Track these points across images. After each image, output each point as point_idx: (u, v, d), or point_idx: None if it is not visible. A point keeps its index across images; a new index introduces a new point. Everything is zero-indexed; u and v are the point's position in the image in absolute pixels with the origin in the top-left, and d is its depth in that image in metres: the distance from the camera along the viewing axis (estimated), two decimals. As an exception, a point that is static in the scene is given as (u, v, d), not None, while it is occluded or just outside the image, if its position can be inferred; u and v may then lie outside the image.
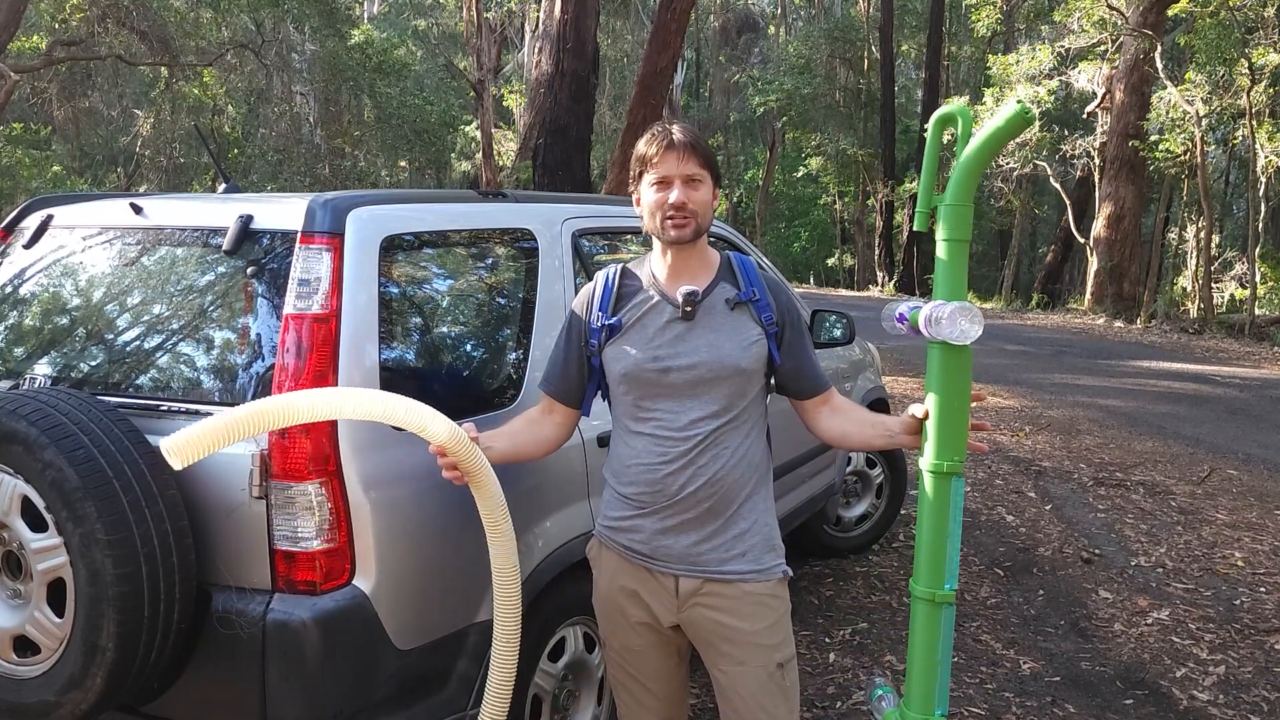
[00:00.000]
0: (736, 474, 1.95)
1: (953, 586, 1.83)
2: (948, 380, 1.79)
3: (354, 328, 2.03)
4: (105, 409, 1.95)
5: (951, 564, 1.83)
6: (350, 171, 21.17)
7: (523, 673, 2.34)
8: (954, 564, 1.83)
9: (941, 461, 1.80)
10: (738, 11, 32.87)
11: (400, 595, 2.03)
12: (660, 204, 1.91)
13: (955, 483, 1.82)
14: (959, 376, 1.79)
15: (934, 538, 1.82)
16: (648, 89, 11.31)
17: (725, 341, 1.93)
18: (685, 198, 1.89)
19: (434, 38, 28.89)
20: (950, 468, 1.81)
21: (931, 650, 1.83)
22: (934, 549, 1.82)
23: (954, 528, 1.83)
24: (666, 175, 1.90)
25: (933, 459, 1.81)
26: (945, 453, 1.80)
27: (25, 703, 1.93)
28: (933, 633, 1.83)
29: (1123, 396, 9.30)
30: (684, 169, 1.90)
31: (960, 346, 1.78)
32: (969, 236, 1.81)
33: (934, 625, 1.83)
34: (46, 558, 1.88)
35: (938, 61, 25.16)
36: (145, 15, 16.70)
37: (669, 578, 1.98)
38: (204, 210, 2.37)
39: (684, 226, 1.91)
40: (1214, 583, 4.44)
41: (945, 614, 1.83)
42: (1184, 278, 21.14)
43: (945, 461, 1.80)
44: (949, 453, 1.80)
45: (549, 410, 2.08)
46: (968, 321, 1.75)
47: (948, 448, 1.80)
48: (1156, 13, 17.33)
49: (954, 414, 1.79)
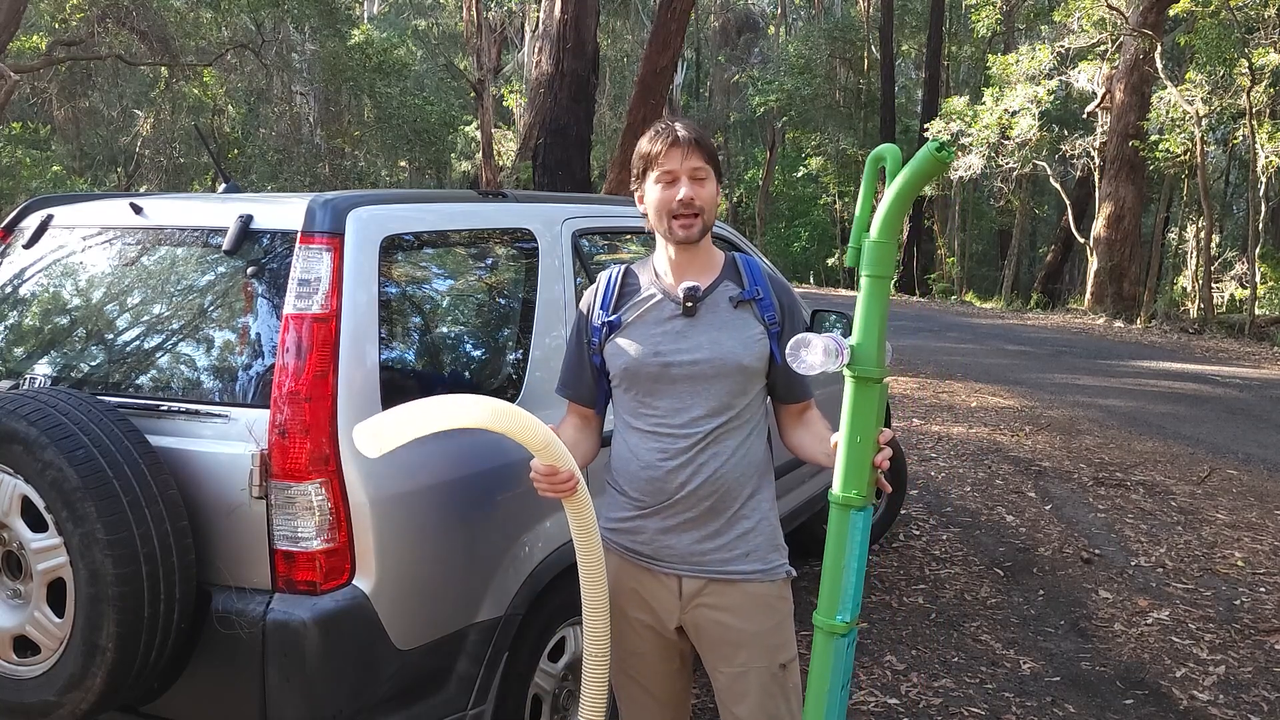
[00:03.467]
0: (737, 472, 1.95)
1: (845, 619, 1.79)
2: (852, 414, 1.77)
3: (354, 328, 2.03)
4: (105, 409, 1.95)
5: (847, 596, 1.78)
6: (350, 171, 21.17)
7: (522, 673, 2.35)
8: (850, 597, 1.79)
9: (841, 493, 1.78)
10: (738, 11, 32.85)
11: (400, 595, 2.03)
12: (668, 201, 1.90)
13: (854, 516, 1.78)
14: (863, 412, 1.76)
15: (832, 566, 1.79)
16: (648, 89, 11.31)
17: (727, 338, 1.93)
18: (693, 193, 1.89)
19: (434, 38, 28.88)
20: (848, 500, 1.77)
21: (823, 681, 1.80)
22: (832, 578, 1.79)
23: (851, 560, 1.78)
24: (672, 171, 1.89)
25: (836, 489, 1.79)
26: (846, 485, 1.77)
27: (25, 703, 1.93)
28: (824, 663, 1.80)
29: (1123, 396, 9.30)
30: (689, 164, 1.90)
31: (866, 384, 1.76)
32: (891, 274, 1.79)
33: (826, 655, 1.80)
34: (46, 558, 1.88)
35: (938, 61, 25.15)
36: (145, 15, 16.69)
37: (672, 579, 1.97)
38: (204, 210, 2.36)
39: (691, 226, 1.91)
40: (1214, 583, 4.44)
41: (837, 645, 1.79)
42: (1184, 278, 21.15)
43: (844, 494, 1.78)
44: (849, 485, 1.77)
45: (571, 414, 2.09)
46: (807, 351, 1.72)
47: (848, 481, 1.77)
48: (1156, 13, 17.32)
49: (854, 449, 1.76)
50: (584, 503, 1.86)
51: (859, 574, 1.80)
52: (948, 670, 3.55)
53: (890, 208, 1.76)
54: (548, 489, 1.83)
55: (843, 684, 1.81)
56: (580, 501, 1.86)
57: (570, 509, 1.87)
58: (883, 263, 1.76)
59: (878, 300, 1.78)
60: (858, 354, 1.76)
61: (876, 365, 1.76)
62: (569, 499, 1.85)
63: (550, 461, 1.81)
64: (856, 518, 1.78)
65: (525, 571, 2.31)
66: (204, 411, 2.03)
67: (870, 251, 1.77)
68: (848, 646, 1.81)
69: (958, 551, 4.82)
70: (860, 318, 1.78)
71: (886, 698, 3.32)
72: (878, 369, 1.76)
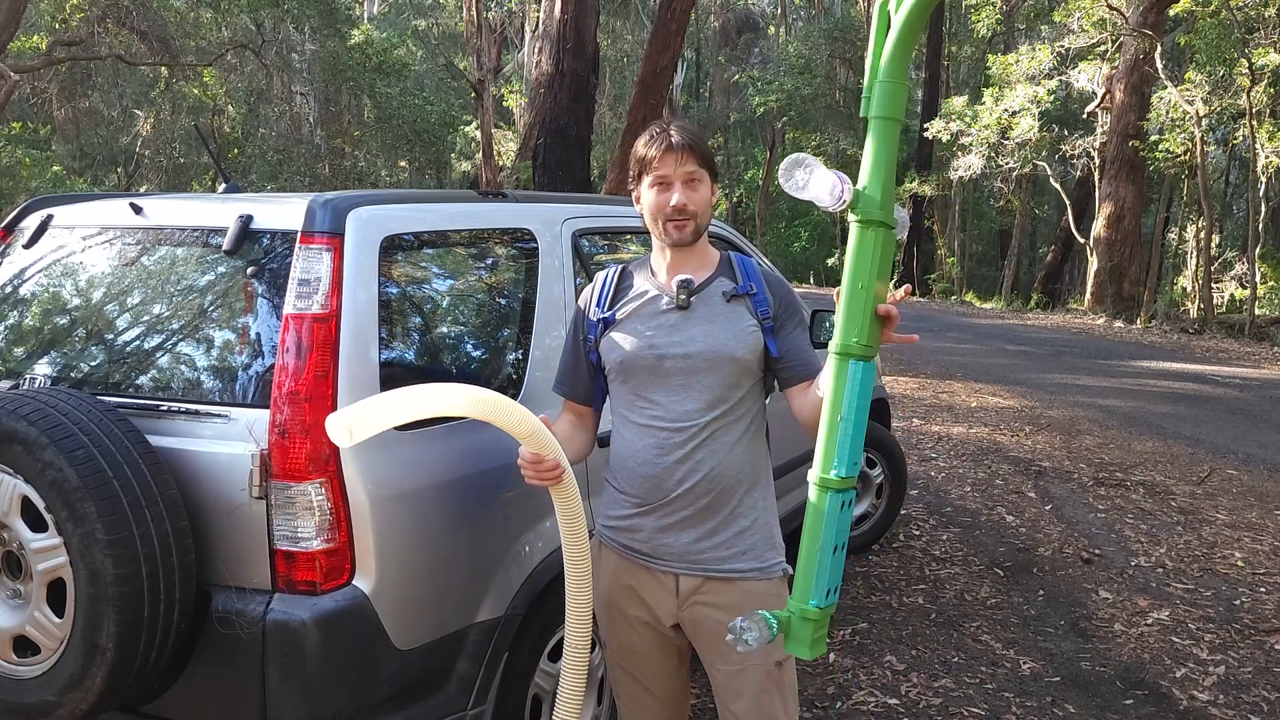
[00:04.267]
0: (734, 470, 1.95)
1: (840, 474, 1.72)
2: (855, 260, 1.71)
3: (354, 328, 2.03)
4: (105, 409, 1.95)
5: (843, 450, 1.72)
6: (350, 171, 21.16)
7: (522, 673, 2.35)
8: (846, 451, 1.73)
9: (841, 341, 1.72)
10: (738, 11, 32.87)
11: (400, 595, 2.03)
12: (661, 206, 1.94)
13: (854, 365, 1.71)
14: (865, 258, 1.70)
15: (829, 419, 1.74)
16: (648, 89, 11.32)
17: (720, 330, 1.95)
18: (686, 199, 1.93)
19: (434, 38, 28.89)
20: (846, 349, 1.71)
21: (814, 540, 1.75)
22: (829, 432, 1.74)
23: (849, 413, 1.72)
24: (666, 176, 1.93)
25: (836, 339, 1.73)
26: (846, 332, 1.71)
27: (25, 703, 1.93)
28: (816, 520, 1.75)
29: (1123, 396, 9.30)
30: (683, 169, 1.93)
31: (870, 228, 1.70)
32: (901, 116, 1.74)
33: (819, 511, 1.75)
34: (46, 558, 1.88)
35: (938, 61, 25.17)
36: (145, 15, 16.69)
37: (669, 576, 1.98)
38: (204, 210, 2.36)
39: (684, 228, 1.95)
40: (1214, 583, 4.44)
41: (831, 501, 1.74)
42: (1184, 278, 21.15)
43: (844, 342, 1.72)
44: (849, 332, 1.71)
45: (567, 410, 2.12)
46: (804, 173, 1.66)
47: (849, 327, 1.71)
48: (1156, 13, 17.33)
49: (855, 295, 1.70)
50: (570, 492, 1.87)
51: (857, 429, 1.73)
52: (948, 670, 3.55)
53: (896, 45, 1.71)
54: (534, 477, 1.84)
55: (835, 545, 1.75)
56: (567, 490, 1.86)
57: (557, 497, 1.88)
58: (892, 104, 1.71)
59: (886, 143, 1.73)
60: (862, 198, 1.70)
61: (881, 208, 1.70)
62: (555, 488, 1.86)
63: (536, 449, 1.82)
64: (856, 367, 1.71)
65: (525, 571, 2.31)
66: (204, 411, 2.03)
67: (879, 92, 1.72)
68: (843, 506, 1.76)
69: (958, 551, 4.82)
70: (869, 160, 1.73)
71: (886, 698, 3.32)
72: (881, 212, 1.70)
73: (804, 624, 1.74)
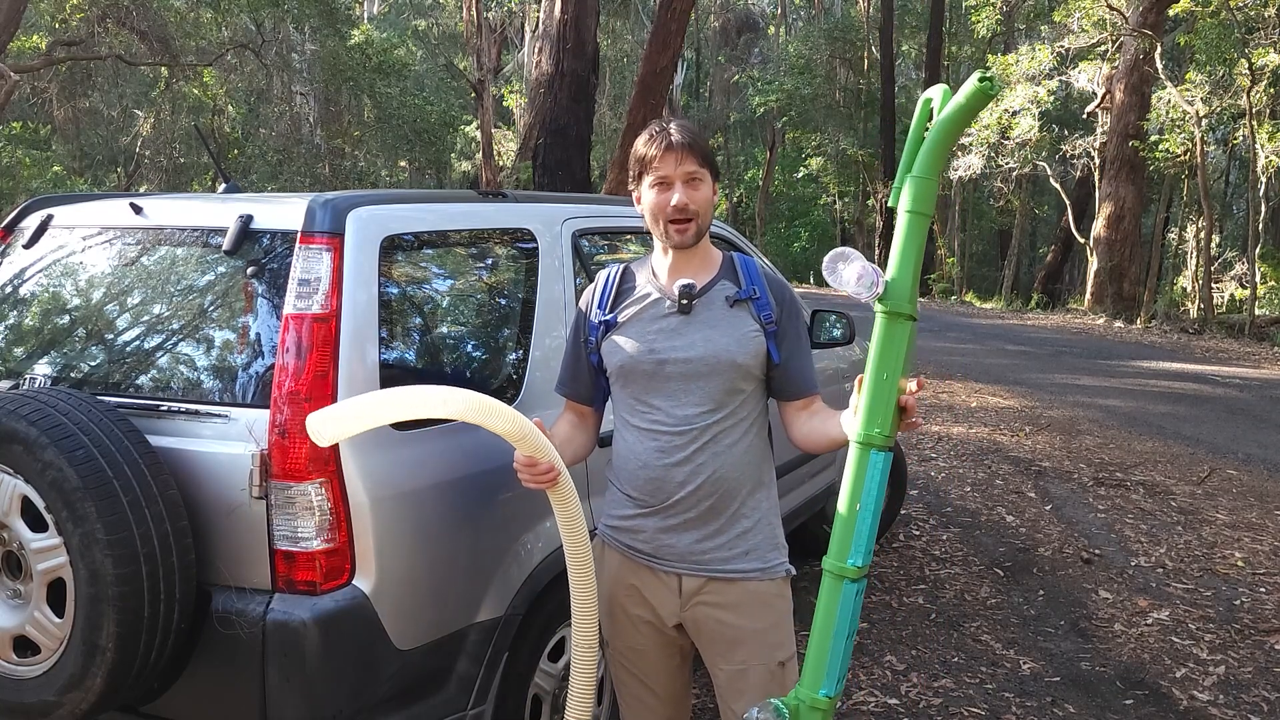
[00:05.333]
0: (736, 472, 1.95)
1: (856, 563, 1.74)
2: (880, 351, 1.73)
3: (354, 328, 2.03)
4: (105, 409, 1.95)
5: (860, 540, 1.74)
6: (350, 171, 21.15)
7: (522, 673, 2.35)
8: (863, 541, 1.74)
9: (863, 431, 1.74)
10: (738, 11, 32.84)
11: (400, 595, 2.03)
12: (662, 206, 1.92)
13: (874, 456, 1.74)
14: (891, 349, 1.73)
15: (847, 509, 1.75)
16: (648, 89, 11.32)
17: (722, 336, 1.94)
18: (687, 199, 1.91)
19: (434, 38, 28.87)
20: (869, 439, 1.73)
21: (827, 627, 1.75)
22: (845, 521, 1.75)
23: (868, 502, 1.74)
24: (666, 176, 1.92)
25: (858, 428, 1.75)
26: (869, 423, 1.73)
27: (25, 703, 1.93)
28: (830, 609, 1.76)
29: (1123, 396, 9.30)
30: (684, 169, 1.91)
31: (896, 320, 1.73)
32: (931, 212, 1.76)
33: (833, 600, 1.75)
34: (46, 558, 1.88)
35: (938, 61, 25.14)
36: (145, 15, 16.68)
37: (672, 577, 1.98)
38: (204, 210, 2.36)
39: (685, 230, 1.93)
40: (1214, 583, 4.44)
41: (845, 590, 1.74)
42: (1184, 278, 21.14)
43: (866, 432, 1.74)
44: (871, 423, 1.73)
45: (568, 410, 2.12)
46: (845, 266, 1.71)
47: (871, 418, 1.73)
48: (1156, 13, 17.32)
49: (880, 386, 1.72)
50: (567, 494, 1.86)
51: (875, 517, 1.75)
52: (948, 670, 3.55)
53: (934, 143, 1.73)
54: (529, 480, 1.84)
55: (848, 633, 1.76)
56: (563, 493, 1.86)
57: (554, 500, 1.87)
58: (924, 199, 1.74)
59: (915, 237, 1.75)
60: (891, 289, 1.72)
61: (909, 302, 1.73)
62: (552, 490, 1.86)
63: (529, 453, 1.81)
64: (876, 458, 1.74)
65: (525, 571, 2.31)
66: (204, 411, 2.03)
67: (912, 188, 1.74)
68: (856, 594, 1.76)
69: (958, 551, 4.82)
70: (897, 253, 1.75)
71: (886, 698, 3.32)
72: (909, 305, 1.73)
73: (813, 713, 1.76)
